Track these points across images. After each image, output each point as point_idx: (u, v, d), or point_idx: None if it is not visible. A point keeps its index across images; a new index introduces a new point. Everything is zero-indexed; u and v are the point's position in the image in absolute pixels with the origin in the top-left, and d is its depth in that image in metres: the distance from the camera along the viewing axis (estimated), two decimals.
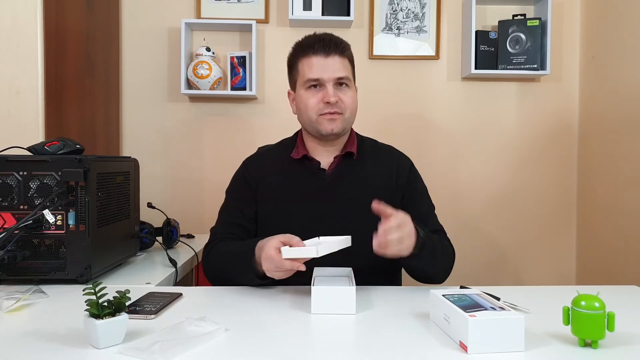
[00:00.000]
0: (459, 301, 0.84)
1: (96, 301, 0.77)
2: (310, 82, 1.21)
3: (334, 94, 1.19)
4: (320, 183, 1.25)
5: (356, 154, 1.27)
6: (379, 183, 1.26)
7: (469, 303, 0.83)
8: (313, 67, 1.20)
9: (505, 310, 0.79)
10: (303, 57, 1.22)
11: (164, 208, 1.65)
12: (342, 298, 0.94)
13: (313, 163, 1.27)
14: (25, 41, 1.48)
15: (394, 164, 1.30)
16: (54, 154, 1.21)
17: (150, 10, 2.24)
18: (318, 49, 1.20)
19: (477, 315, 0.76)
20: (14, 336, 0.83)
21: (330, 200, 1.24)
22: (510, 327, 0.76)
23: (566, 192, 2.33)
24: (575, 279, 2.32)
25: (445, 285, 1.14)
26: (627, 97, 1.96)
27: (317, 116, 1.21)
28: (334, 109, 1.20)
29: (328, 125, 1.21)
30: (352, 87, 1.25)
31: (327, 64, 1.20)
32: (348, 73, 1.22)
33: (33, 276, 1.14)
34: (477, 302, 0.83)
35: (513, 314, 0.78)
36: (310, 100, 1.22)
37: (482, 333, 0.75)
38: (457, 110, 2.30)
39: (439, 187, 2.28)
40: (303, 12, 2.15)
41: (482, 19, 2.27)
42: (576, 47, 2.31)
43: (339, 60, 1.21)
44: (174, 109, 2.26)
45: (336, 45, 1.21)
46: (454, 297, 0.86)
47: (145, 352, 0.74)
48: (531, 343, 0.80)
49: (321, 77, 1.20)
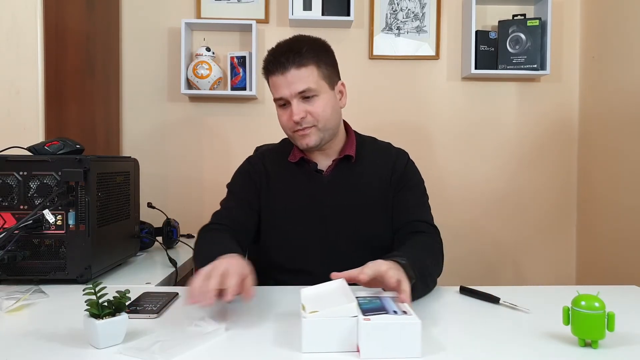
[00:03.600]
0: (367, 304, 0.80)
1: (96, 301, 0.77)
2: (277, 101, 1.20)
3: (298, 111, 1.15)
4: (318, 185, 1.25)
5: (355, 157, 1.25)
6: (375, 184, 1.25)
7: (374, 306, 0.79)
8: (276, 88, 1.18)
9: (407, 314, 0.76)
10: (268, 77, 1.20)
11: (164, 208, 1.65)
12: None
13: (310, 165, 1.26)
14: (25, 41, 1.48)
15: (390, 162, 1.28)
16: (54, 154, 1.21)
17: (150, 10, 2.23)
18: (275, 68, 1.16)
19: (372, 319, 0.73)
20: (14, 336, 0.83)
21: (328, 203, 1.23)
22: (406, 333, 0.73)
23: (566, 192, 2.33)
24: (575, 279, 2.32)
25: (446, 285, 1.14)
26: (627, 97, 1.96)
27: (291, 132, 1.20)
28: (303, 125, 1.17)
29: (302, 141, 1.19)
30: (321, 94, 1.17)
31: (287, 81, 1.15)
32: (310, 83, 1.15)
33: (33, 276, 1.14)
34: (383, 305, 0.80)
35: (410, 319, 0.74)
36: (282, 118, 1.20)
37: (374, 337, 0.72)
38: (457, 110, 2.30)
39: (439, 187, 2.28)
40: (303, 12, 2.15)
41: (482, 19, 2.27)
42: (576, 47, 2.31)
43: (297, 73, 1.14)
44: (174, 109, 2.26)
45: (293, 58, 1.14)
46: (365, 299, 0.83)
47: (145, 352, 0.74)
48: (531, 343, 0.80)
49: (283, 95, 1.16)
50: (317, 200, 1.24)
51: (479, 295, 1.04)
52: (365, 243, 1.19)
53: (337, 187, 1.24)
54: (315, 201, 1.24)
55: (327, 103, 1.18)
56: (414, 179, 1.29)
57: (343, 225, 1.22)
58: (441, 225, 1.28)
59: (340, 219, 1.23)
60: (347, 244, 1.22)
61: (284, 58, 1.15)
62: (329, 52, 1.23)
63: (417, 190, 1.28)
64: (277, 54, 1.17)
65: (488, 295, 1.02)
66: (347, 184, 1.24)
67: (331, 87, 1.21)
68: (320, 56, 1.18)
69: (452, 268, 2.29)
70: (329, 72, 1.20)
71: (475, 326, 0.89)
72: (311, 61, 1.16)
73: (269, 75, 1.19)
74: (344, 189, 1.24)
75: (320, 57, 1.18)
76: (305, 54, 1.15)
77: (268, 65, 1.18)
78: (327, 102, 1.19)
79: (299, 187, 1.26)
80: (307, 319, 0.75)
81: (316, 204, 1.24)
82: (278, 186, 1.27)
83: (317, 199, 1.24)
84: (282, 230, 1.26)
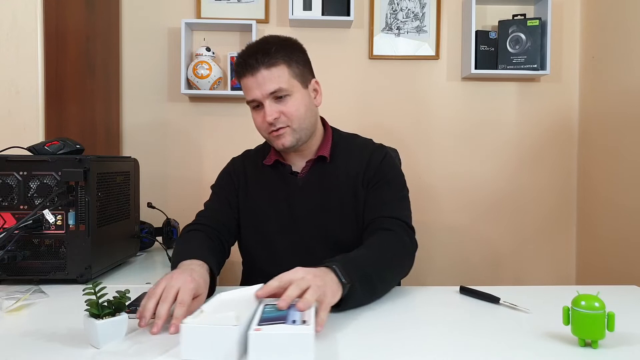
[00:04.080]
0: (271, 312, 0.78)
1: (96, 301, 0.77)
2: (250, 104, 1.19)
3: (270, 112, 1.13)
4: (293, 187, 1.24)
5: (329, 157, 1.24)
6: (348, 183, 1.23)
7: (276, 315, 0.76)
8: (247, 90, 1.16)
9: (305, 324, 0.72)
10: (239, 79, 1.18)
11: (164, 208, 1.65)
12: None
13: (285, 168, 1.26)
14: (25, 41, 1.48)
15: (365, 159, 1.24)
16: (54, 154, 1.21)
17: (150, 10, 2.23)
18: (245, 70, 1.14)
19: (263, 329, 0.70)
20: (14, 336, 0.83)
21: (301, 205, 1.23)
22: (297, 343, 0.69)
23: (566, 192, 2.33)
24: (575, 279, 2.32)
25: (446, 285, 1.14)
26: (627, 97, 1.96)
27: (267, 134, 1.19)
28: (277, 125, 1.15)
29: (278, 142, 1.18)
30: (294, 93, 1.16)
31: (257, 82, 1.13)
32: (281, 83, 1.13)
33: (33, 276, 1.14)
34: (287, 314, 0.77)
35: (302, 329, 0.71)
36: (257, 120, 1.19)
37: (264, 348, 0.69)
38: (457, 110, 2.30)
39: (438, 187, 2.28)
40: (303, 12, 2.15)
41: (482, 19, 2.27)
42: (576, 47, 2.31)
43: (267, 73, 1.12)
44: (174, 109, 2.26)
45: (262, 59, 1.12)
46: (272, 307, 0.80)
47: (146, 352, 0.74)
48: (531, 343, 0.80)
49: (255, 97, 1.15)
50: (291, 203, 1.23)
51: (479, 295, 1.04)
52: (337, 245, 1.16)
53: (310, 188, 1.23)
54: (289, 204, 1.23)
55: (300, 102, 1.17)
56: (389, 175, 1.24)
57: (316, 227, 1.22)
58: (441, 225, 1.28)
59: (313, 221, 1.22)
60: (320, 246, 1.20)
61: (252, 59, 1.13)
62: (300, 50, 1.21)
63: (392, 186, 1.23)
64: (246, 55, 1.15)
65: (488, 295, 1.02)
66: (320, 185, 1.23)
67: (304, 85, 1.19)
68: (291, 55, 1.17)
69: (452, 268, 2.32)
70: (301, 71, 1.19)
71: (475, 326, 0.89)
72: (281, 60, 1.14)
73: (240, 78, 1.17)
74: (317, 190, 1.23)
75: (290, 56, 1.16)
76: (274, 54, 1.13)
77: (238, 67, 1.17)
78: (301, 101, 1.17)
79: (274, 189, 1.26)
80: (185, 324, 0.72)
81: (290, 206, 1.23)
82: (255, 188, 1.28)
83: (291, 201, 1.23)
84: (259, 232, 1.26)
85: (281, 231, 1.24)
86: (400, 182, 1.26)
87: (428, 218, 2.26)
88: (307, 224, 1.22)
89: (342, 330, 0.86)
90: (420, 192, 2.23)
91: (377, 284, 1.00)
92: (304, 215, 1.22)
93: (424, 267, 2.26)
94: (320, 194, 1.23)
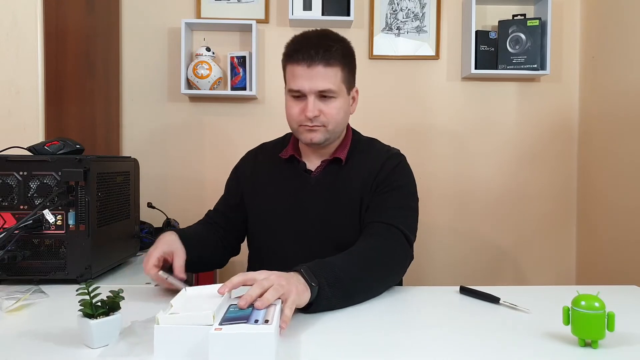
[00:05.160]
0: (235, 312, 0.76)
1: (89, 301, 0.77)
2: (292, 92, 1.17)
3: (313, 108, 1.13)
4: (305, 185, 1.24)
5: (345, 160, 1.23)
6: (358, 187, 1.22)
7: (239, 315, 0.75)
8: (295, 78, 1.14)
9: (267, 324, 0.71)
10: (288, 63, 1.16)
11: (164, 208, 1.65)
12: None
13: (300, 164, 1.26)
14: (25, 41, 1.48)
15: (378, 164, 1.23)
16: (54, 154, 1.21)
17: (150, 10, 2.23)
18: (302, 58, 1.12)
19: (223, 329, 0.69)
20: (14, 336, 0.83)
21: (311, 202, 1.22)
22: (257, 343, 0.68)
23: (566, 192, 2.33)
24: (575, 279, 2.32)
25: (446, 285, 1.13)
26: (627, 97, 1.96)
27: (297, 126, 1.19)
28: (313, 122, 1.15)
29: (307, 135, 1.18)
30: (339, 97, 1.16)
31: (310, 75, 1.12)
32: (333, 84, 1.13)
33: (33, 276, 1.14)
34: (250, 314, 0.76)
35: (262, 329, 0.70)
36: (293, 109, 1.17)
37: (223, 347, 0.67)
38: (457, 110, 2.30)
39: (438, 186, 2.28)
40: (303, 12, 2.15)
41: (482, 19, 2.27)
42: (576, 47, 2.31)
43: (322, 71, 1.12)
44: (174, 109, 2.26)
45: (323, 54, 1.12)
46: (236, 306, 0.79)
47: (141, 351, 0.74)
48: (531, 343, 0.80)
49: (302, 88, 1.13)
50: (301, 199, 1.23)
51: (479, 295, 1.04)
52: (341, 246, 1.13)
53: (322, 188, 1.23)
54: (298, 199, 1.23)
55: (341, 107, 1.18)
56: (398, 182, 1.21)
57: (322, 226, 1.21)
58: (440, 225, 1.28)
59: (321, 221, 1.22)
60: (326, 247, 1.18)
61: (314, 51, 1.12)
62: (354, 56, 1.22)
63: (398, 193, 1.20)
64: (307, 45, 1.13)
65: (488, 295, 1.02)
66: (332, 187, 1.23)
67: (348, 91, 1.21)
68: (347, 59, 1.17)
69: (452, 268, 2.32)
70: (350, 77, 1.20)
71: (475, 326, 0.89)
72: (338, 62, 1.14)
73: (292, 62, 1.15)
74: (328, 191, 1.23)
75: (346, 60, 1.17)
76: (334, 54, 1.13)
77: (292, 53, 1.15)
78: (342, 106, 1.18)
79: (286, 184, 1.26)
80: (159, 326, 0.72)
81: (299, 202, 1.23)
82: (265, 181, 1.28)
83: (302, 198, 1.23)
84: (264, 225, 1.27)
85: (288, 227, 1.23)
86: (409, 190, 1.23)
87: (428, 218, 2.26)
88: (314, 221, 1.22)
89: (340, 329, 0.86)
90: (420, 192, 2.20)
91: (351, 288, 0.97)
92: (311, 212, 1.22)
93: (424, 267, 2.26)
94: (331, 194, 1.22)
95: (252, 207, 1.29)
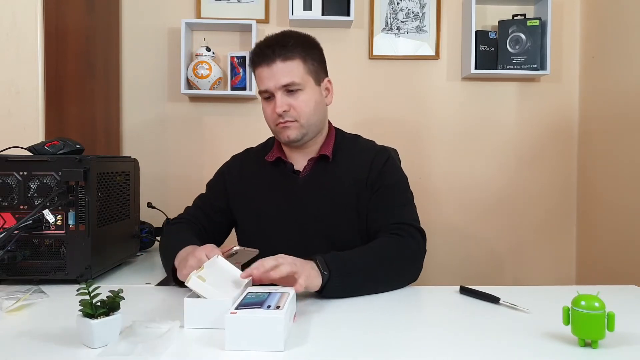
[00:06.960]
0: (251, 298, 0.84)
1: (89, 301, 0.77)
2: (262, 94, 1.21)
3: (281, 104, 1.16)
4: (293, 186, 1.24)
5: (331, 156, 1.24)
6: (350, 185, 1.23)
7: (254, 300, 0.82)
8: (261, 80, 1.18)
9: (279, 309, 0.78)
10: (254, 69, 1.21)
11: (164, 208, 1.65)
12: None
13: (287, 166, 1.26)
14: (25, 41, 1.48)
15: (368, 161, 1.24)
16: (54, 154, 1.21)
17: (150, 10, 2.23)
18: (261, 59, 1.17)
19: (238, 313, 0.77)
20: (14, 336, 0.83)
21: (301, 204, 1.23)
22: (267, 327, 0.75)
23: (566, 192, 2.33)
24: (575, 279, 2.32)
25: (446, 285, 1.13)
26: (627, 97, 1.96)
27: (274, 126, 1.21)
28: (285, 118, 1.17)
29: (284, 134, 1.20)
30: (305, 89, 1.18)
31: (272, 73, 1.15)
32: (295, 77, 1.16)
33: (33, 276, 1.14)
34: (264, 300, 0.82)
35: (273, 314, 0.76)
36: (266, 111, 1.21)
37: (237, 330, 0.75)
38: (457, 110, 2.30)
39: (438, 186, 2.28)
40: (303, 12, 2.15)
41: (482, 19, 2.26)
42: (576, 47, 2.31)
43: (282, 66, 1.15)
44: (174, 109, 2.26)
45: (279, 51, 1.15)
46: (255, 293, 0.86)
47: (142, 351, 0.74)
48: (531, 343, 0.80)
49: (268, 87, 1.17)
50: (291, 202, 1.23)
51: (479, 295, 1.04)
52: (336, 244, 1.16)
53: (311, 188, 1.23)
54: (289, 202, 1.23)
55: (310, 98, 1.19)
56: (392, 178, 1.24)
57: (315, 227, 1.22)
58: (440, 225, 1.28)
59: (313, 220, 1.22)
60: (319, 245, 1.19)
61: (270, 50, 1.16)
62: (317, 48, 1.24)
63: (395, 189, 1.23)
64: (264, 46, 1.18)
65: (488, 295, 1.02)
66: (321, 186, 1.23)
67: (317, 83, 1.22)
68: (307, 51, 1.19)
69: (452, 268, 2.31)
70: (315, 68, 1.21)
71: (475, 326, 0.89)
72: (297, 55, 1.17)
73: (255, 67, 1.20)
74: (318, 190, 1.23)
75: (307, 52, 1.19)
76: (291, 48, 1.16)
77: (254, 57, 1.19)
78: (311, 98, 1.19)
79: (274, 187, 1.26)
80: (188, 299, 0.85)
81: (290, 205, 1.23)
82: (254, 186, 1.28)
83: (291, 200, 1.23)
84: (257, 229, 1.26)
85: (279, 228, 1.23)
86: (403, 185, 1.27)
87: (428, 218, 2.23)
88: (306, 223, 1.22)
89: (341, 327, 0.86)
90: (420, 192, 2.21)
91: (361, 278, 1.03)
92: (304, 213, 1.22)
93: (424, 267, 2.26)
94: (321, 193, 1.22)
95: (243, 213, 1.29)
